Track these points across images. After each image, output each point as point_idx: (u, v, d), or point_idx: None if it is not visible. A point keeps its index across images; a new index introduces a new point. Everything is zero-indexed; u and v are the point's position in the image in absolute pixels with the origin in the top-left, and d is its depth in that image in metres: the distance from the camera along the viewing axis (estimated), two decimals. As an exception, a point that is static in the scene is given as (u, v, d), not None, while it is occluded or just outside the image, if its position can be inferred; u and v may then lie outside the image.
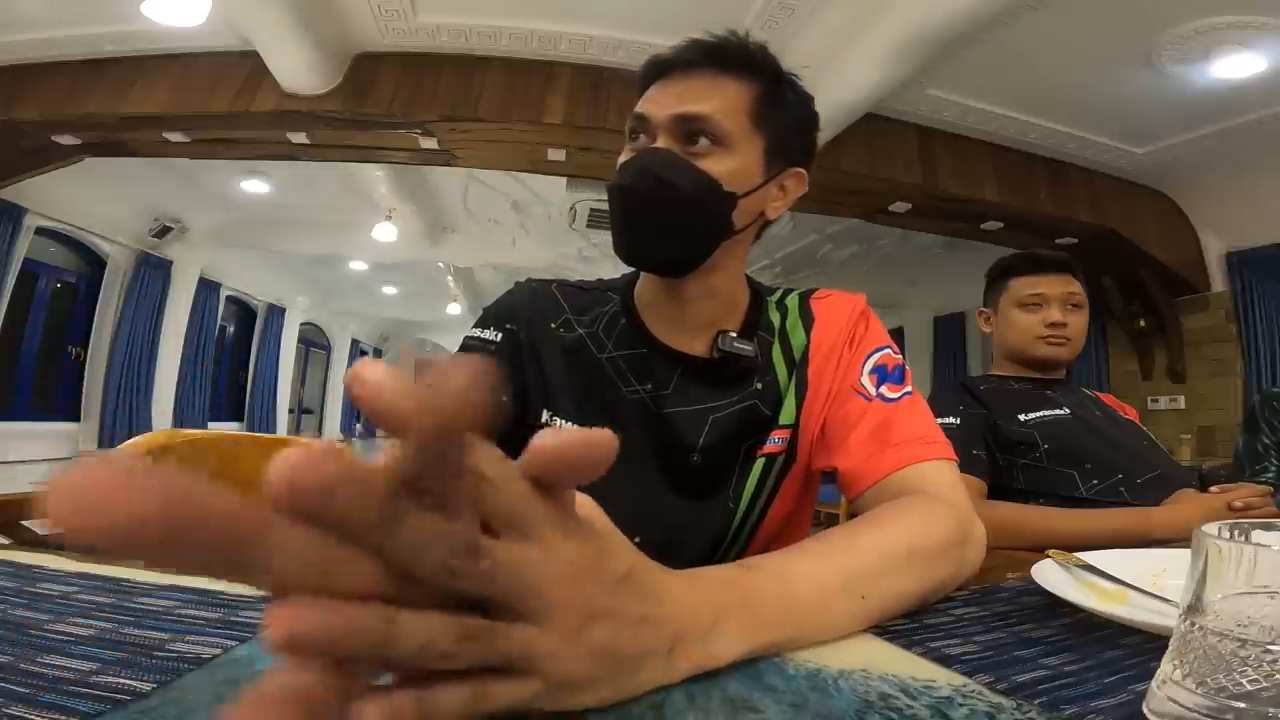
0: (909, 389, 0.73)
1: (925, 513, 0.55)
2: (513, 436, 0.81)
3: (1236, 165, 3.94)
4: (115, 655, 0.33)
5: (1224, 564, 0.27)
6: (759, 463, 0.74)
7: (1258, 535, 0.29)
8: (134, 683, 0.30)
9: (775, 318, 0.79)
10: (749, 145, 0.70)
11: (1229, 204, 4.27)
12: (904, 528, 0.52)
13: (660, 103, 0.69)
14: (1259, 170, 3.93)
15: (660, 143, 0.69)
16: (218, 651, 0.35)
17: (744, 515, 0.74)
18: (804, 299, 0.81)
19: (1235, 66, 3.14)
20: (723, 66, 0.70)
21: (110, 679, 0.30)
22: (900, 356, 0.76)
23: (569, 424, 0.74)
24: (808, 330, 0.77)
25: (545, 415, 0.74)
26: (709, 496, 0.74)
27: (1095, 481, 1.24)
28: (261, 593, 0.41)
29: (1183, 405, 4.94)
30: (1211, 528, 0.29)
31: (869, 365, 0.74)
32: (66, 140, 4.05)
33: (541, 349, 0.75)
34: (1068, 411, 1.32)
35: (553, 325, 0.77)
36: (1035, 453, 1.28)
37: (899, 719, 0.31)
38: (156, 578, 0.49)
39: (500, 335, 0.75)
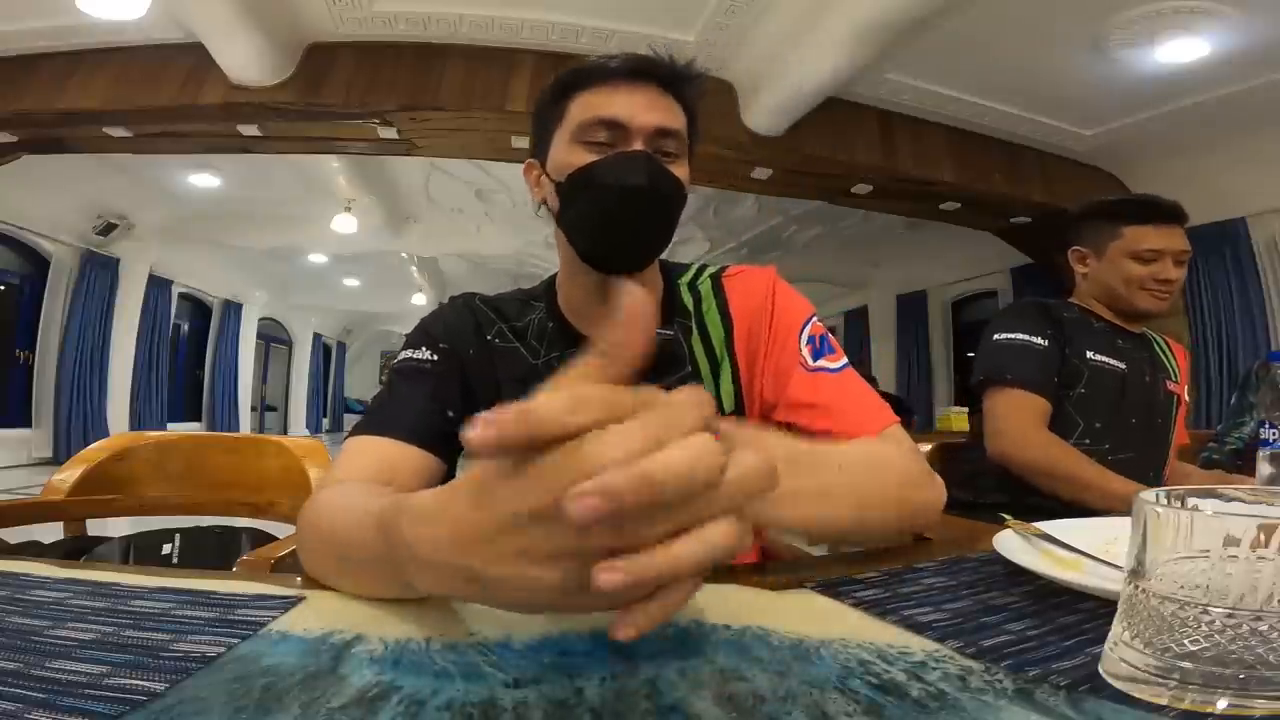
0: (845, 360, 0.77)
1: (888, 448, 0.64)
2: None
3: (1180, 147, 4.08)
4: (123, 658, 0.33)
5: (1162, 529, 0.30)
6: None
7: (1193, 501, 0.32)
8: (147, 684, 0.31)
9: (689, 301, 0.82)
10: (686, 159, 0.77)
11: (1173, 184, 4.39)
12: (870, 450, 0.61)
13: (634, 110, 0.72)
14: (1200, 151, 4.08)
15: (639, 147, 0.72)
16: (222, 650, 0.35)
17: None
18: (716, 281, 0.84)
19: (1179, 50, 3.24)
20: (671, 89, 0.76)
21: (123, 680, 0.31)
22: (821, 325, 0.80)
23: None
24: (723, 315, 0.80)
25: None
26: None
27: (1087, 441, 1.32)
28: (255, 592, 0.42)
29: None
30: (1150, 494, 0.32)
31: (803, 339, 0.77)
32: (2, 138, 3.88)
33: (482, 361, 0.77)
34: (1124, 367, 1.37)
35: (489, 336, 0.79)
36: (1074, 390, 1.34)
37: (878, 683, 0.33)
38: (145, 580, 0.49)
39: (436, 355, 0.76)
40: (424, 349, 0.76)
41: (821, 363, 0.75)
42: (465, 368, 0.76)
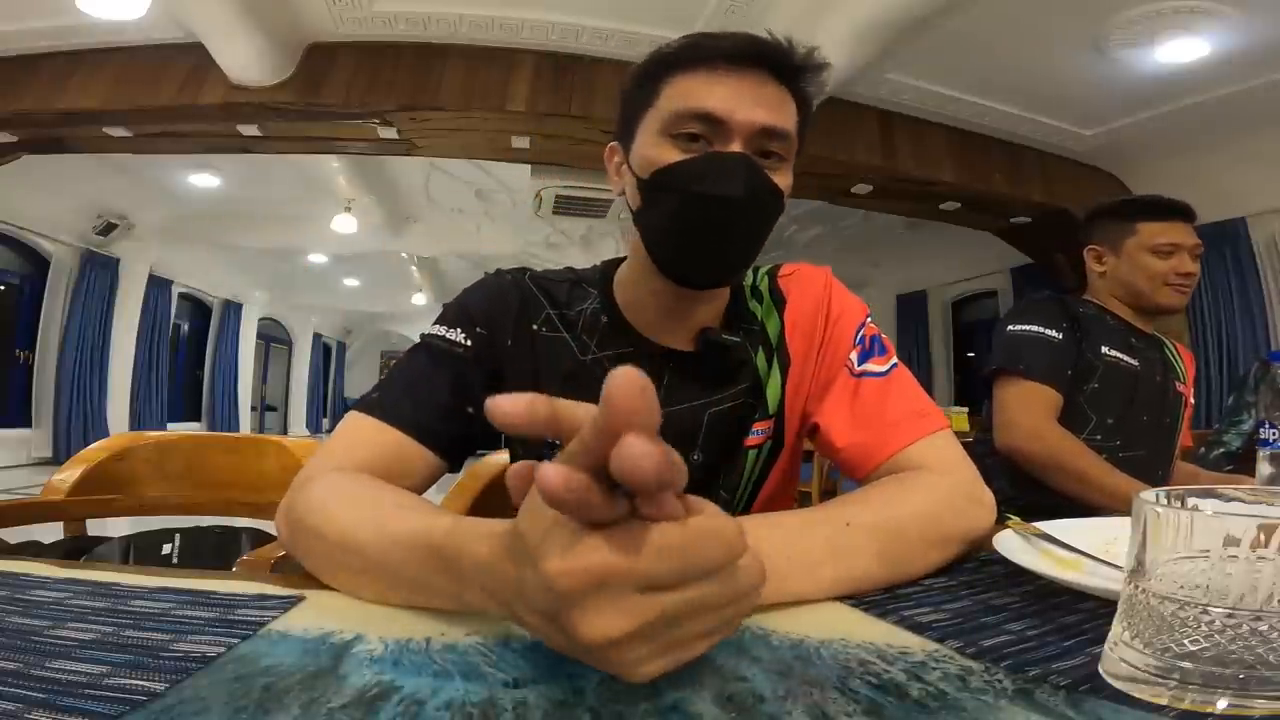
0: (895, 360, 0.73)
1: (933, 492, 0.60)
2: (491, 444, 0.79)
3: (1180, 146, 4.08)
4: (123, 658, 0.33)
5: (1162, 529, 0.29)
6: (749, 455, 0.74)
7: (1193, 501, 0.32)
8: (147, 684, 0.31)
9: (756, 309, 0.77)
10: (792, 163, 0.68)
11: (1173, 184, 4.39)
12: (914, 510, 0.56)
13: (738, 106, 0.63)
14: (1200, 151, 4.08)
15: (737, 148, 0.63)
16: (221, 650, 0.35)
17: (737, 508, 0.74)
18: (773, 279, 0.78)
19: (1179, 50, 3.24)
20: (784, 79, 0.66)
21: (123, 680, 0.31)
22: (875, 325, 0.76)
23: None
24: (780, 314, 0.76)
25: None
26: (706, 494, 0.74)
27: (1099, 437, 1.32)
28: (255, 592, 0.42)
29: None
30: (1150, 494, 0.32)
31: (855, 340, 0.74)
32: (2, 138, 3.88)
33: (521, 350, 0.70)
34: (1136, 364, 1.37)
35: (535, 325, 0.71)
36: (1087, 385, 1.35)
37: (878, 683, 0.33)
38: (145, 580, 0.49)
39: (470, 339, 0.69)
40: (458, 330, 0.69)
41: (868, 366, 0.71)
42: (499, 357, 0.70)
